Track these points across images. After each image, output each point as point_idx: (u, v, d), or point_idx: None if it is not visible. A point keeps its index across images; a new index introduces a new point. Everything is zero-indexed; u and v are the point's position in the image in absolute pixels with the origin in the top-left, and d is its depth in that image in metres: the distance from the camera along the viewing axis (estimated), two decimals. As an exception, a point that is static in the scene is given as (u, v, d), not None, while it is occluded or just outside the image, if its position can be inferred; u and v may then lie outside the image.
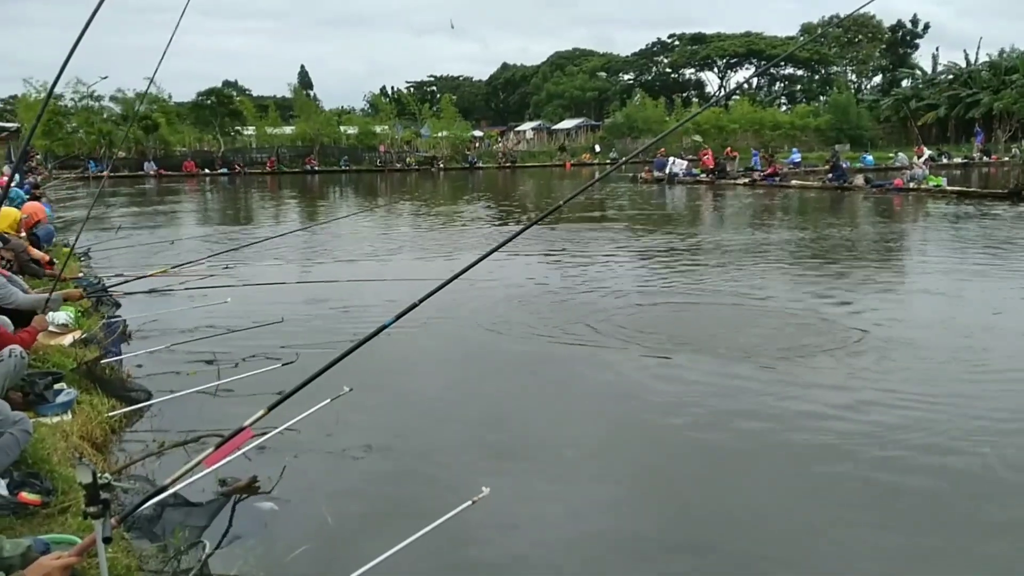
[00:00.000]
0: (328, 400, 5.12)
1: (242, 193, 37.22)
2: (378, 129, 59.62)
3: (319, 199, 34.23)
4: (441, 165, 55.20)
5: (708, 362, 7.71)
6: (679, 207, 26.49)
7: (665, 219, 21.29)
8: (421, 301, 3.36)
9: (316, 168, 52.78)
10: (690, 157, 41.96)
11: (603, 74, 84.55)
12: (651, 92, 70.97)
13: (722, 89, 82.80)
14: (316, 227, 19.96)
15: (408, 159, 56.99)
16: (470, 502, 3.57)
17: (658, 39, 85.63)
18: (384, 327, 3.28)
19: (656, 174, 35.99)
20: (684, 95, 75.98)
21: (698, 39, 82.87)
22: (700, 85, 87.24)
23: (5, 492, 4.16)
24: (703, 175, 35.46)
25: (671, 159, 37.37)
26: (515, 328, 9.27)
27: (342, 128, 60.04)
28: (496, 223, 21.74)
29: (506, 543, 4.50)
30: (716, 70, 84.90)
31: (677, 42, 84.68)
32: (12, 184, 19.91)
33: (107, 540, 2.66)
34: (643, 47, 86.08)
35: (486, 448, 5.93)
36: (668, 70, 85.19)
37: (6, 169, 28.61)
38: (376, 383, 7.12)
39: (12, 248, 9.61)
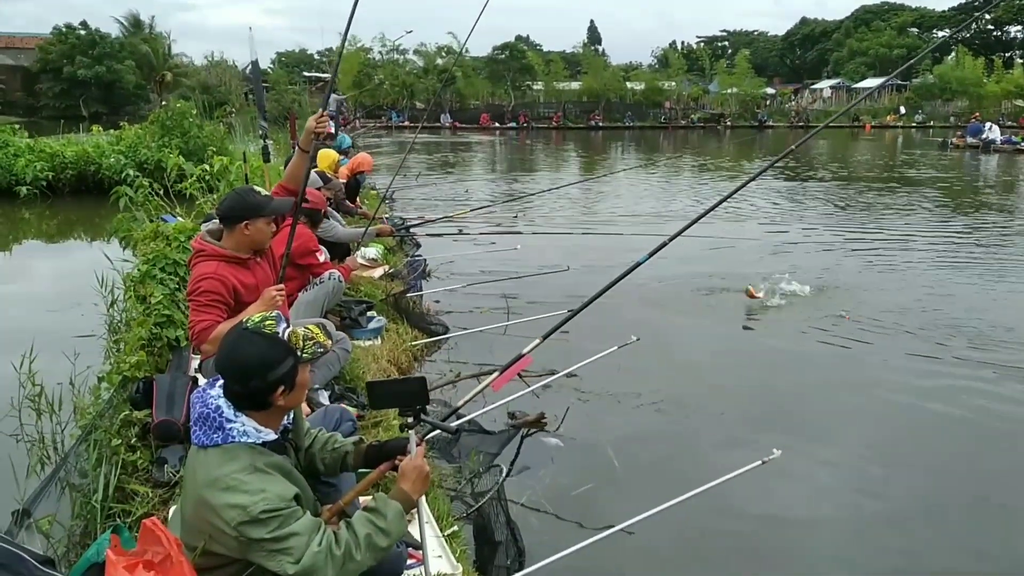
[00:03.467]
0: (615, 347, 5.12)
1: (528, 146, 38.34)
2: (665, 85, 58.73)
3: (601, 154, 34.50)
4: (728, 123, 53.52)
5: None
6: (991, 179, 23.52)
7: (973, 193, 18.93)
8: (672, 239, 3.63)
9: (600, 124, 53.15)
10: (1010, 123, 37.22)
11: (914, 30, 77.00)
12: (970, 50, 63.59)
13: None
14: (598, 180, 20.10)
15: (693, 116, 55.76)
16: (760, 462, 3.40)
17: (981, -8, 76.35)
18: (639, 264, 3.58)
19: (969, 140, 32.34)
20: (1007, 55, 67.38)
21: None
22: (1029, 44, 76.82)
23: (326, 402, 4.59)
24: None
25: (987, 124, 33.38)
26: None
27: (628, 84, 59.83)
28: (779, 181, 20.65)
29: (794, 507, 4.32)
30: (1052, 26, 74.28)
31: (1003, -4, 74.88)
32: (330, 129, 21.99)
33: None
34: (963, 1, 77.21)
35: (766, 419, 5.69)
36: (991, 27, 75.65)
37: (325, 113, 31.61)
38: (660, 340, 7.08)
39: (331, 187, 10.57)
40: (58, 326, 6.74)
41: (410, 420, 2.70)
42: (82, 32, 51.43)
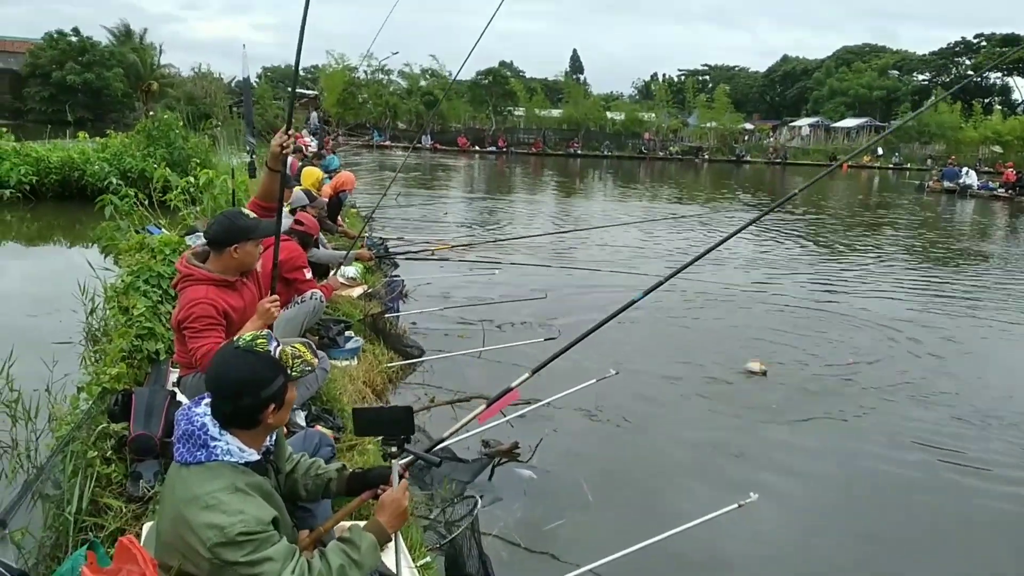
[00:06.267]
0: (594, 380, 5.18)
1: (507, 171, 38.49)
2: (645, 116, 59.36)
3: (580, 181, 34.72)
4: (706, 156, 54.12)
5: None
6: (967, 225, 23.87)
7: (947, 239, 19.21)
8: (668, 279, 3.51)
9: (579, 152, 53.59)
10: (986, 169, 37.98)
11: (895, 72, 78.51)
12: (948, 93, 64.86)
13: (1032, 96, 73.97)
14: (576, 207, 20.22)
15: (672, 148, 56.38)
16: (736, 505, 3.47)
17: (962, 38, 77.78)
18: (633, 301, 3.44)
19: (946, 184, 32.89)
20: (986, 100, 68.83)
21: (1011, 40, 74.28)
22: (1006, 91, 78.52)
23: (302, 423, 4.62)
24: (1001, 190, 31.83)
25: (964, 169, 34.03)
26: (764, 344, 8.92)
27: (608, 114, 60.43)
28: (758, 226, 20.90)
29: (764, 551, 4.39)
30: (1029, 75, 75.92)
31: (984, 42, 76.63)
32: (312, 147, 22.08)
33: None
34: (944, 46, 78.90)
35: (747, 459, 5.73)
36: (970, 72, 77.29)
37: (305, 132, 31.69)
38: (642, 370, 7.16)
39: (316, 206, 10.62)
40: (36, 331, 6.74)
41: (393, 449, 2.74)
42: (73, 39, 51.23)
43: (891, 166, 52.37)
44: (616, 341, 7.66)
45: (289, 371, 2.56)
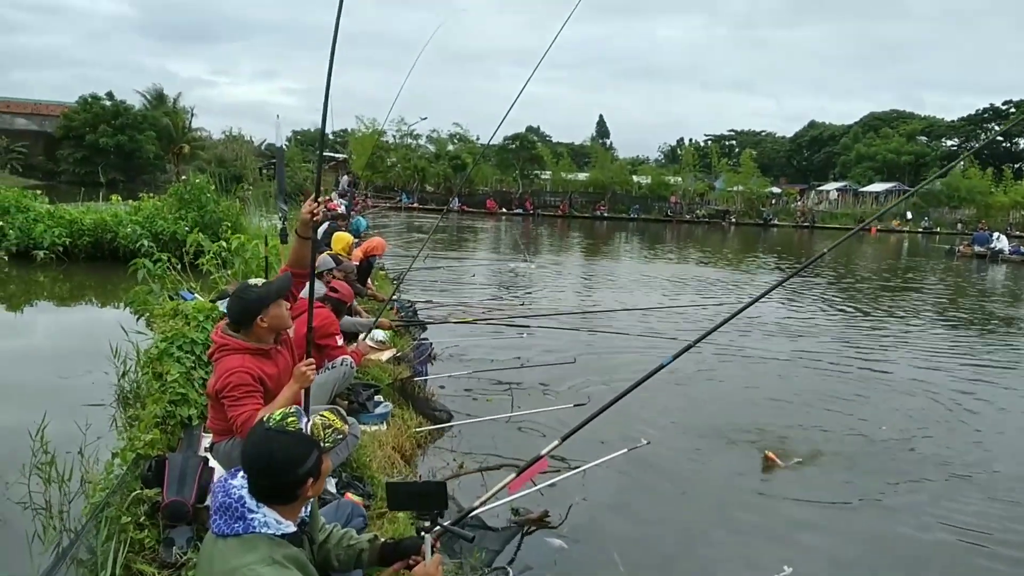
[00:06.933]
0: (625, 449, 5.14)
1: (534, 233, 38.73)
2: (671, 180, 59.78)
3: (605, 243, 34.87)
4: (733, 219, 54.24)
5: None
6: (1000, 290, 23.47)
7: (982, 305, 18.94)
8: (696, 342, 3.52)
9: (605, 215, 53.96)
10: (1017, 233, 37.62)
11: (923, 138, 78.71)
12: (978, 159, 64.90)
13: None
14: (602, 265, 20.24)
15: (699, 211, 56.61)
16: (770, 580, 3.41)
17: (991, 105, 78.10)
18: (662, 366, 3.44)
19: (976, 249, 32.58)
20: (1016, 166, 68.68)
21: (1040, 106, 74.44)
22: (1036, 156, 78.37)
23: (333, 490, 4.61)
24: (1033, 255, 31.38)
25: (995, 234, 33.77)
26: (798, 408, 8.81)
27: (635, 177, 60.93)
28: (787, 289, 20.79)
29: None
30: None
31: (1013, 109, 76.78)
32: (340, 208, 22.39)
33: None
34: (972, 112, 79.26)
35: (778, 537, 5.56)
36: (999, 138, 77.36)
37: (335, 195, 32.19)
38: (673, 438, 7.08)
39: (343, 269, 10.75)
40: (69, 392, 6.82)
41: (427, 524, 2.74)
42: (107, 103, 52.77)
43: (920, 230, 52.15)
44: (647, 407, 7.61)
45: (322, 443, 2.59)
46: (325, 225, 14.25)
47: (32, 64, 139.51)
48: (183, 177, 18.12)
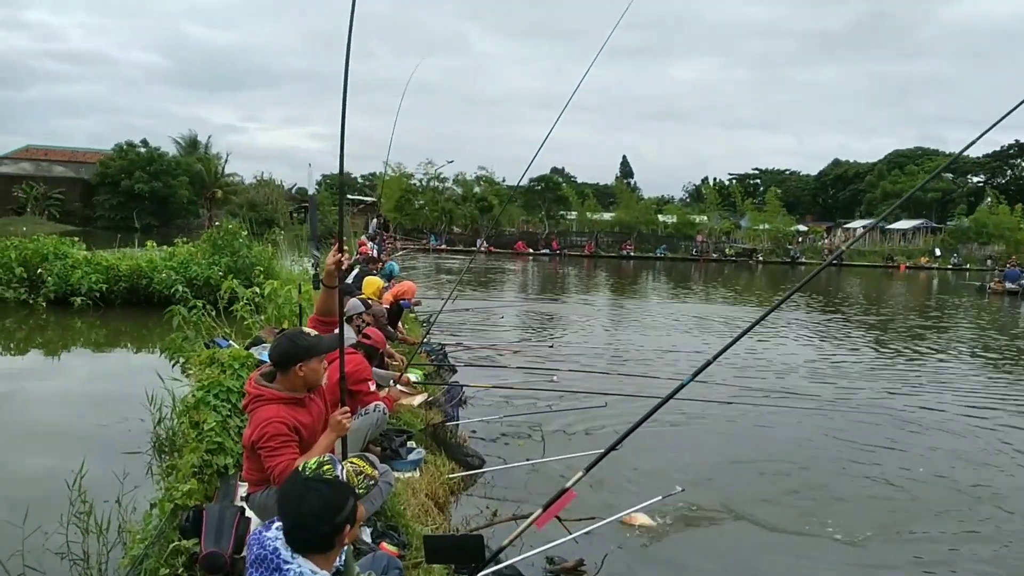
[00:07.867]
0: (660, 497, 5.09)
1: (561, 273, 38.77)
2: (696, 219, 59.82)
3: (632, 283, 34.79)
4: (760, 258, 54.05)
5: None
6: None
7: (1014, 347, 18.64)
8: (714, 359, 3.83)
9: (632, 254, 54.01)
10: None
11: (949, 175, 78.22)
12: (1005, 196, 64.37)
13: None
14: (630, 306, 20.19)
15: (726, 250, 56.49)
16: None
17: (1016, 141, 77.71)
18: (682, 385, 3.73)
19: (1008, 285, 32.21)
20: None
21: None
22: (1065, 191, 77.43)
23: (368, 539, 4.60)
24: (1067, 291, 30.94)
25: (1026, 270, 33.36)
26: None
27: (660, 217, 61.05)
28: (813, 326, 20.61)
29: None
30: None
31: (1038, 144, 76.16)
32: (372, 252, 22.59)
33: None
34: (998, 148, 78.67)
35: None
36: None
37: (364, 238, 32.51)
38: (708, 485, 6.97)
39: (372, 313, 10.82)
40: (107, 439, 6.89)
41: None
42: (142, 149, 53.92)
43: (950, 267, 51.65)
44: (683, 450, 7.54)
45: (356, 490, 2.62)
46: (356, 269, 14.41)
47: (69, 112, 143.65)
48: (216, 222, 18.42)
